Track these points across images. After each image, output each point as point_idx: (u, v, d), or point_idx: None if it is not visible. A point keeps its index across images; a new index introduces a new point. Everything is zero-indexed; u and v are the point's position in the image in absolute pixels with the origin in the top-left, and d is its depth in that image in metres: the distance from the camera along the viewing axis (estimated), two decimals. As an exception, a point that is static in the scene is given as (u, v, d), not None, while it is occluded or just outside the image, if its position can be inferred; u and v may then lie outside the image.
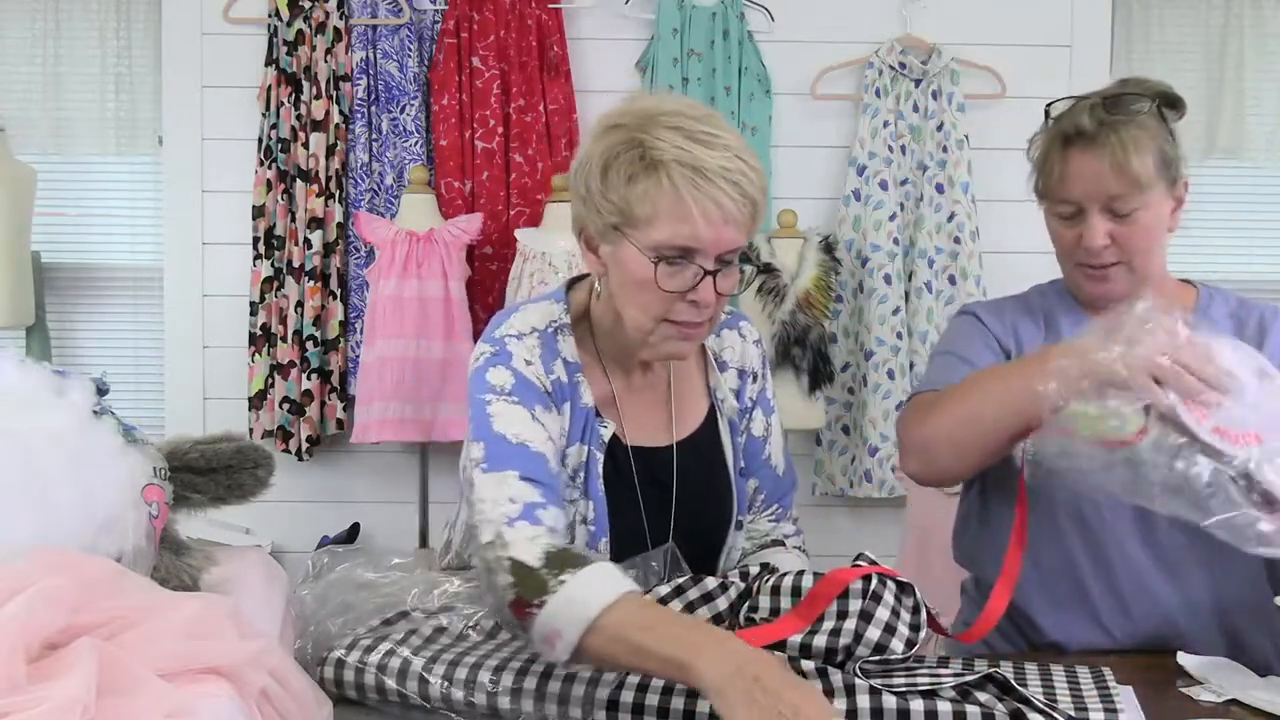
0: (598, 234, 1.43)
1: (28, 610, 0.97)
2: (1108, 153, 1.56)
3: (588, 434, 1.49)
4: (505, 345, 1.47)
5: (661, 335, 1.44)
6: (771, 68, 3.13)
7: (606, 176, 1.39)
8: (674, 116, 1.39)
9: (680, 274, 1.39)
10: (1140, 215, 1.59)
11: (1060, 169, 1.59)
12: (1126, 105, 1.60)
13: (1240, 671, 1.42)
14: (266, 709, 1.08)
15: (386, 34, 3.07)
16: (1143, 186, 1.58)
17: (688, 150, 1.36)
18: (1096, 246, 1.58)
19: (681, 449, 1.57)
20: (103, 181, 3.34)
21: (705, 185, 1.35)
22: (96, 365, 2.64)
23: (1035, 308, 1.74)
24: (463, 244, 2.96)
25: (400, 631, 1.38)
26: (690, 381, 1.62)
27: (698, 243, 1.37)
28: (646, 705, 1.22)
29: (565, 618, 1.21)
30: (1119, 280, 1.62)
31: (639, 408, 1.56)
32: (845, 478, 3.14)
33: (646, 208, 1.37)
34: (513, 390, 1.44)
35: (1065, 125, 1.60)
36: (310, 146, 3.03)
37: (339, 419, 3.08)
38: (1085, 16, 3.16)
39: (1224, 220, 3.30)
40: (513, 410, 1.42)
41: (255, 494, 1.40)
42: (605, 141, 1.41)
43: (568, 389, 1.49)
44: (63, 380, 1.26)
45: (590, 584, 1.23)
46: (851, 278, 3.09)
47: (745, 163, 1.37)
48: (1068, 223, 1.61)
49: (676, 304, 1.41)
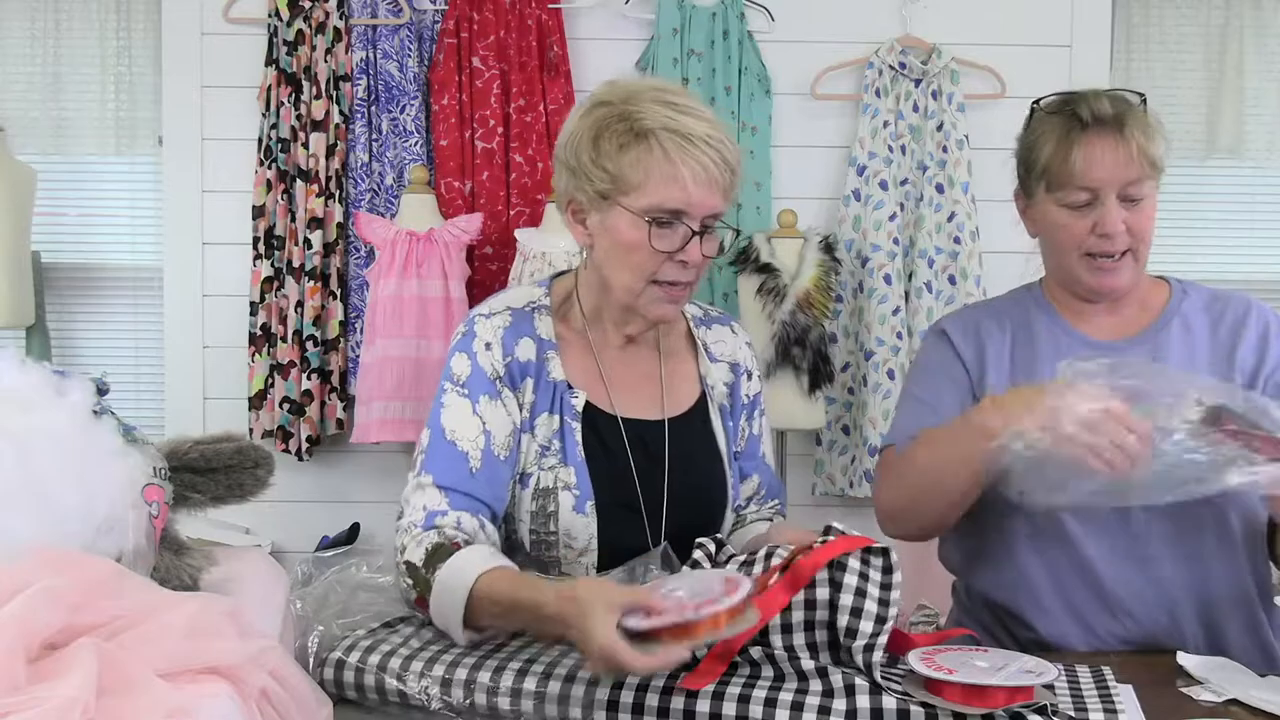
0: (588, 203, 1.54)
1: (28, 610, 0.97)
2: (1132, 135, 1.58)
3: (558, 404, 1.58)
4: (474, 325, 1.59)
5: (650, 297, 1.54)
6: (771, 68, 3.13)
7: (598, 146, 1.50)
8: (655, 91, 1.51)
9: (670, 235, 1.50)
10: (1147, 203, 1.61)
11: (1081, 154, 1.59)
12: (1126, 98, 1.62)
13: (1240, 671, 1.42)
14: (266, 709, 1.08)
15: (386, 34, 3.07)
16: (1160, 170, 1.60)
17: (674, 119, 1.48)
18: (1116, 232, 1.59)
19: (673, 425, 1.64)
20: (103, 181, 3.33)
21: (692, 150, 1.47)
22: (96, 365, 2.64)
23: (1006, 317, 1.73)
24: (463, 244, 2.95)
25: (400, 632, 1.38)
26: (681, 365, 1.70)
27: (686, 205, 1.48)
28: (646, 705, 1.22)
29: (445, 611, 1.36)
30: (1126, 270, 1.63)
31: (628, 382, 1.64)
32: (845, 478, 3.14)
33: (638, 173, 1.48)
34: (466, 382, 1.56)
35: (1082, 112, 1.60)
36: (310, 146, 3.03)
37: (339, 419, 3.07)
38: (1085, 16, 3.16)
39: (1224, 220, 3.30)
40: (459, 403, 1.55)
41: (255, 494, 1.40)
42: (593, 116, 1.52)
43: (532, 366, 1.59)
44: (63, 380, 1.26)
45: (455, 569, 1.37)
46: (851, 278, 3.09)
47: (723, 132, 1.51)
48: (1078, 212, 1.61)
49: (665, 264, 1.51)
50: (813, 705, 1.19)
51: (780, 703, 1.19)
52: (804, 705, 1.19)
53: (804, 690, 1.21)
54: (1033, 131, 1.66)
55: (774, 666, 1.23)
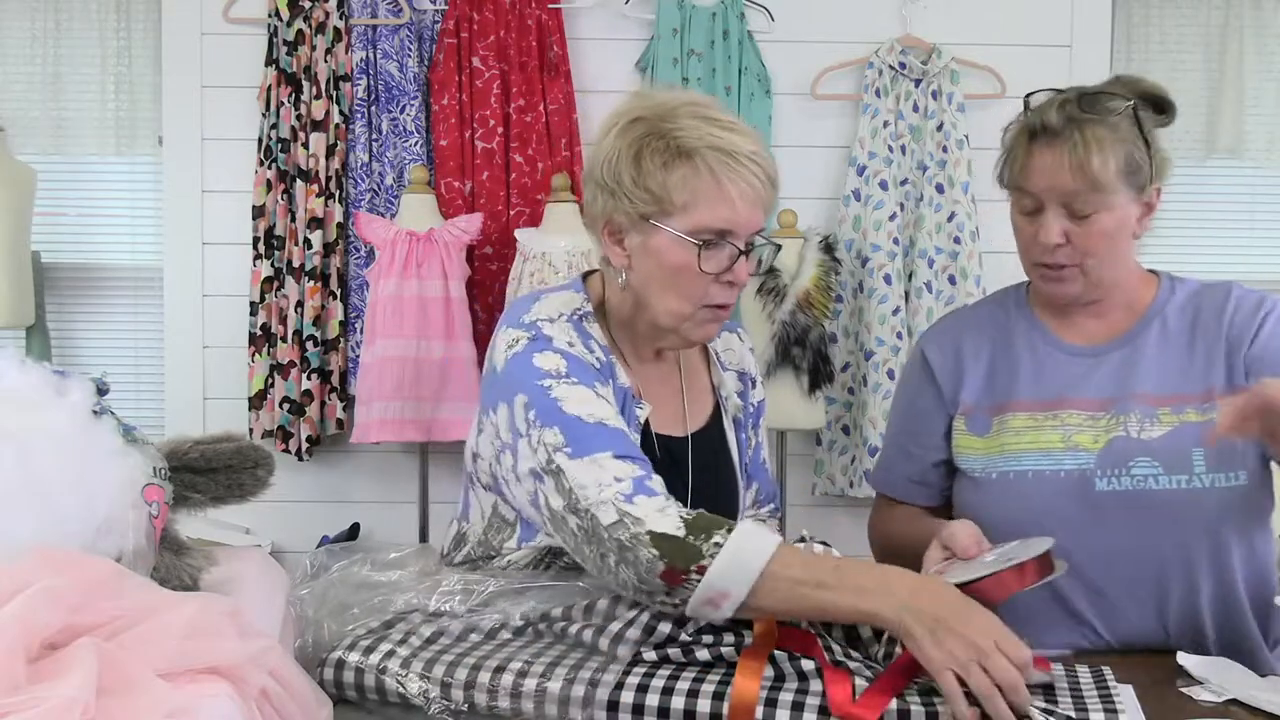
0: (628, 224, 1.46)
1: (28, 610, 0.97)
2: (1068, 150, 1.53)
3: (627, 415, 1.50)
4: (541, 330, 1.47)
5: (698, 320, 1.49)
6: (771, 68, 3.13)
7: (640, 165, 1.43)
8: (690, 106, 1.45)
9: (717, 255, 1.44)
10: (1100, 218, 1.55)
11: (1024, 160, 1.57)
12: (1100, 104, 1.56)
13: (1240, 671, 1.42)
14: (266, 709, 1.08)
15: (386, 34, 3.07)
16: (1101, 188, 1.53)
17: (718, 136, 1.42)
18: (1050, 243, 1.56)
19: (695, 440, 1.60)
20: (103, 181, 3.34)
21: (738, 168, 1.42)
22: (96, 365, 2.65)
23: (988, 324, 1.73)
24: (463, 244, 2.96)
25: (400, 632, 1.38)
26: (698, 377, 1.66)
27: (734, 224, 1.43)
28: (646, 705, 1.22)
29: (732, 578, 1.25)
30: (1073, 282, 1.60)
31: (657, 397, 1.58)
32: (845, 477, 3.14)
33: (684, 194, 1.42)
34: (569, 371, 1.43)
35: (1034, 119, 1.58)
36: (310, 146, 3.03)
37: (339, 419, 3.08)
38: (1085, 16, 3.16)
39: (1224, 220, 3.30)
40: (576, 391, 1.41)
41: (255, 494, 1.40)
42: (631, 134, 1.45)
43: (607, 369, 1.50)
44: (63, 380, 1.26)
45: (746, 543, 1.27)
46: (851, 278, 3.09)
47: (762, 146, 1.46)
48: (1028, 218, 1.59)
49: (712, 287, 1.46)
50: (813, 705, 1.19)
51: (780, 703, 1.19)
52: (804, 705, 1.19)
53: (804, 690, 1.21)
54: (1009, 129, 1.64)
55: (774, 666, 1.23)
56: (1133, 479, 1.55)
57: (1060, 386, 1.63)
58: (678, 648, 1.28)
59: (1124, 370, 1.61)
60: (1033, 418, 1.62)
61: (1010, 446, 1.61)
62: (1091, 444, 1.58)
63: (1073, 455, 1.58)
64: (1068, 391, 1.62)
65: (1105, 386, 1.61)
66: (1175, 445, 1.55)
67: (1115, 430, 1.58)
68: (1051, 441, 1.59)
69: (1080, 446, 1.58)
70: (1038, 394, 1.63)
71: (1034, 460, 1.59)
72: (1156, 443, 1.56)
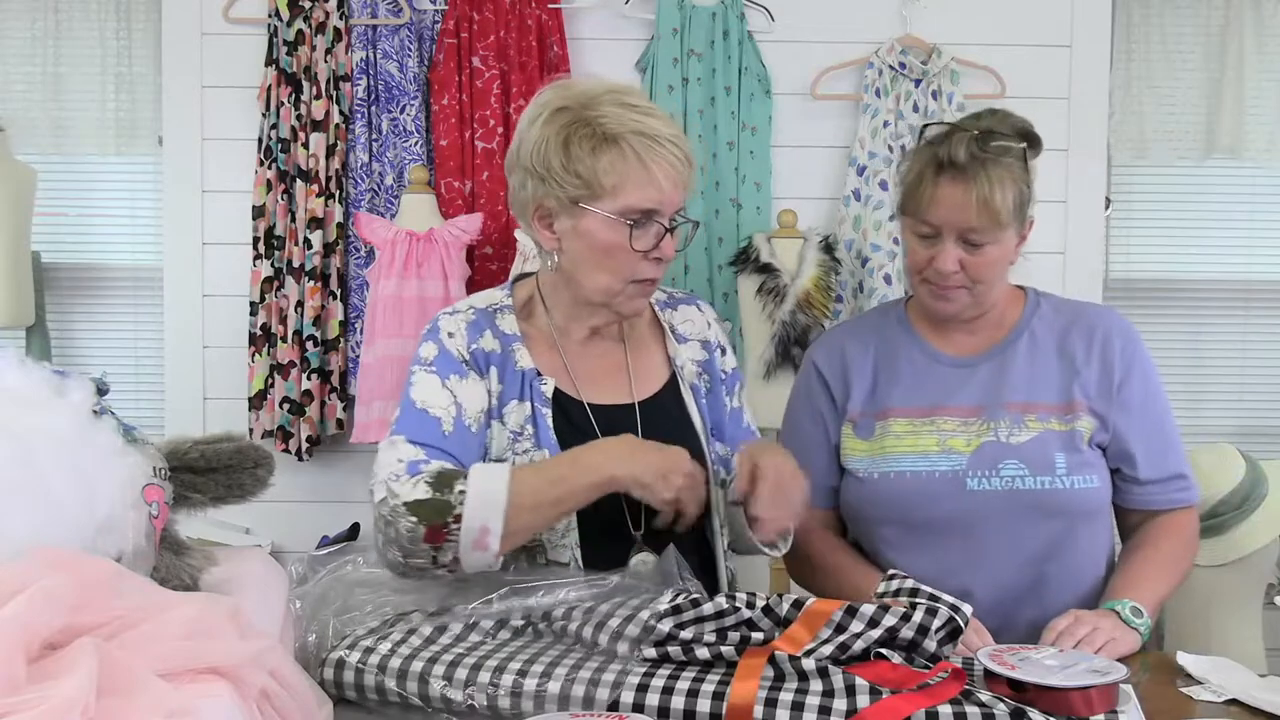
0: (558, 208, 1.57)
1: (28, 610, 0.97)
2: (976, 187, 1.65)
3: (527, 391, 1.62)
4: (438, 321, 1.66)
5: (628, 294, 1.60)
6: (771, 68, 3.13)
7: (568, 151, 1.53)
8: (612, 94, 1.56)
9: (646, 234, 1.55)
10: (990, 250, 1.69)
11: (930, 193, 1.68)
12: (1000, 144, 1.67)
13: (1240, 671, 1.42)
14: (266, 709, 1.08)
15: (386, 34, 3.07)
16: (1001, 224, 1.67)
17: (639, 121, 1.53)
18: (947, 271, 1.69)
19: (644, 407, 1.68)
20: (103, 181, 3.33)
21: (660, 150, 1.53)
22: (96, 365, 2.64)
23: (871, 335, 1.87)
24: (463, 244, 2.96)
25: (400, 631, 1.38)
26: (647, 351, 1.74)
27: (660, 204, 1.54)
28: (646, 705, 1.22)
29: (486, 513, 1.41)
30: (959, 300, 1.74)
31: (594, 373, 1.68)
32: (845, 478, 3.14)
33: (613, 177, 1.52)
34: (433, 360, 1.61)
35: (941, 153, 1.68)
36: (310, 146, 3.03)
37: (339, 419, 3.08)
38: (1085, 16, 3.16)
39: (1224, 220, 3.29)
40: (427, 379, 1.60)
41: (255, 494, 1.40)
42: (557, 122, 1.55)
43: (496, 356, 1.64)
44: (63, 380, 1.26)
45: (484, 478, 1.44)
46: (851, 278, 3.09)
47: (678, 129, 1.58)
48: (924, 242, 1.71)
49: (641, 263, 1.57)
50: (813, 705, 1.19)
51: (780, 703, 1.19)
52: (804, 705, 1.19)
53: (804, 690, 1.21)
54: (909, 155, 1.76)
55: (774, 666, 1.23)
56: (1002, 479, 1.71)
57: (937, 395, 1.78)
58: (678, 646, 1.28)
59: (994, 380, 1.77)
60: (911, 423, 1.77)
61: (891, 449, 1.76)
62: (964, 447, 1.73)
63: (947, 457, 1.73)
64: (943, 399, 1.78)
65: (977, 395, 1.77)
66: (1040, 450, 1.71)
67: (986, 435, 1.73)
68: (928, 445, 1.75)
69: (954, 449, 1.74)
70: (916, 401, 1.79)
71: (912, 462, 1.75)
72: (1023, 447, 1.71)
